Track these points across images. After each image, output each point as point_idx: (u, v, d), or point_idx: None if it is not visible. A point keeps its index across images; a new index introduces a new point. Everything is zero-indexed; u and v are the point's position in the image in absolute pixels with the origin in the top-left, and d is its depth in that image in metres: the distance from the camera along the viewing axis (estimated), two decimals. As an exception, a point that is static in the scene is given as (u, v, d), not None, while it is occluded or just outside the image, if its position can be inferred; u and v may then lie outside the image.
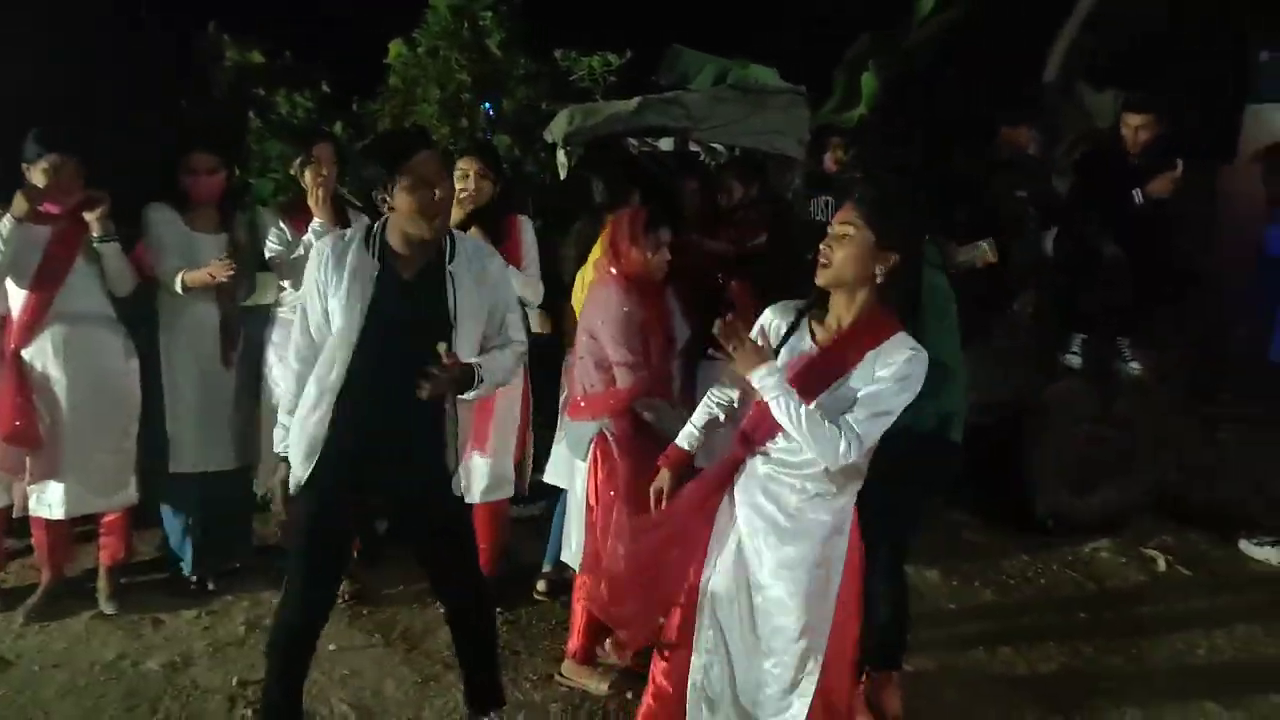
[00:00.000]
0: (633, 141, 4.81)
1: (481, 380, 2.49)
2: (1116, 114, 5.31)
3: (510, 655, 3.31)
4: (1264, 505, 4.71)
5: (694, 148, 4.96)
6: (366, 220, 2.74)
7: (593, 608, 2.83)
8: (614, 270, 3.01)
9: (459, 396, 2.51)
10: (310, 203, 3.52)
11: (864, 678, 2.87)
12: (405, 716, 3.01)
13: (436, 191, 2.40)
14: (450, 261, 2.49)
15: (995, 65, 5.35)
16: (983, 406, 3.62)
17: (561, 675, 3.19)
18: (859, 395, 2.21)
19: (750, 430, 2.38)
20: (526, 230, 3.66)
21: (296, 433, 2.52)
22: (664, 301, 3.05)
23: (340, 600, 3.69)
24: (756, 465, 2.38)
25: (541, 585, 3.72)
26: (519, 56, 5.70)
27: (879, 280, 2.24)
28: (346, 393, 2.45)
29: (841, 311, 2.29)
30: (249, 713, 3.00)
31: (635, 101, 4.30)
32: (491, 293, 2.57)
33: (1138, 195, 4.26)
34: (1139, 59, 5.53)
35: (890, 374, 2.20)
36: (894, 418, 2.22)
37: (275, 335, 3.67)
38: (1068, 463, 4.45)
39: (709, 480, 2.46)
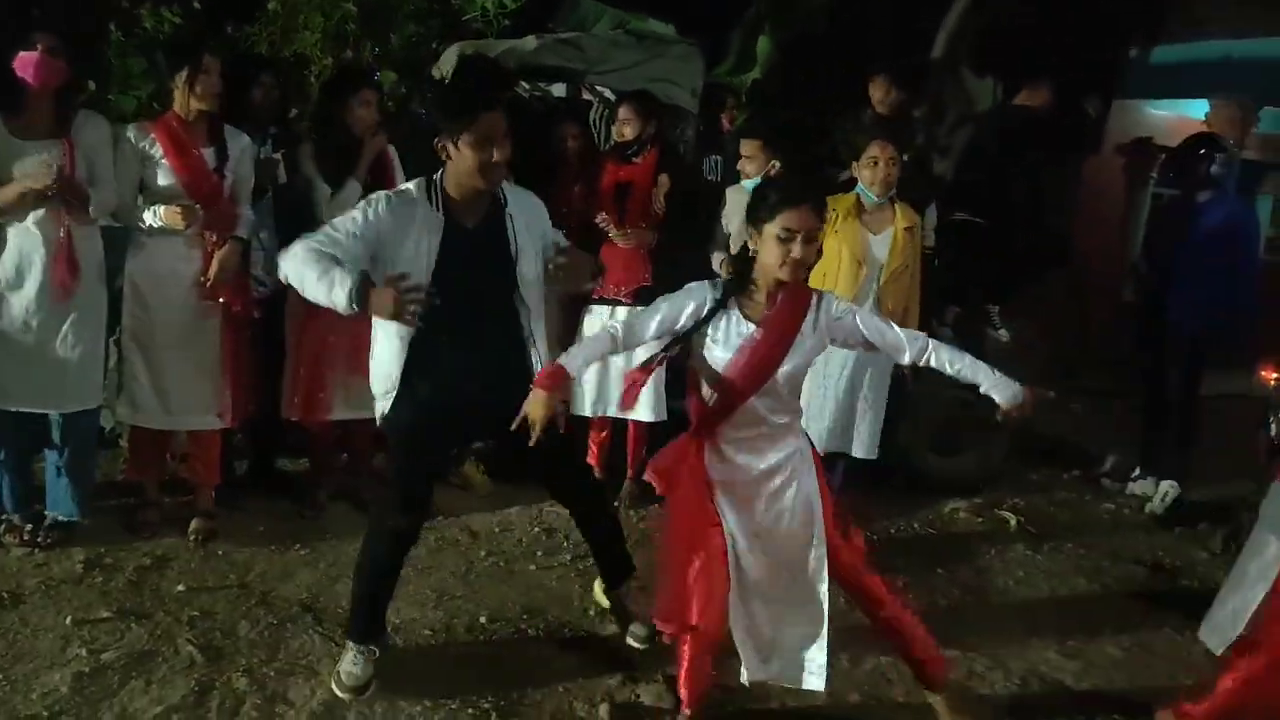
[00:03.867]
0: (524, 85, 4.69)
1: None
2: (995, 100, 5.53)
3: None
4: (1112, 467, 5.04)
5: (586, 96, 4.89)
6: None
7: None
8: None
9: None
10: (178, 109, 3.32)
11: None
12: (258, 658, 2.88)
13: (496, 152, 2.49)
14: (506, 205, 2.65)
15: (885, 36, 5.44)
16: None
17: None
18: (866, 333, 2.49)
19: (711, 417, 2.50)
20: (395, 159, 3.76)
21: (373, 371, 2.68)
22: None
23: (192, 540, 3.53)
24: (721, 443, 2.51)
25: None
26: (409, -10, 5.46)
27: None
28: (420, 335, 2.54)
29: (773, 289, 2.44)
30: (84, 652, 2.82)
31: (531, 40, 4.20)
32: (540, 225, 2.75)
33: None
34: (1015, 49, 5.71)
35: (849, 314, 2.49)
36: None
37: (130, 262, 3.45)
38: (933, 427, 4.62)
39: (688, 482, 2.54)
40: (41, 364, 3.30)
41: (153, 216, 3.34)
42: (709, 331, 2.45)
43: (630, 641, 2.95)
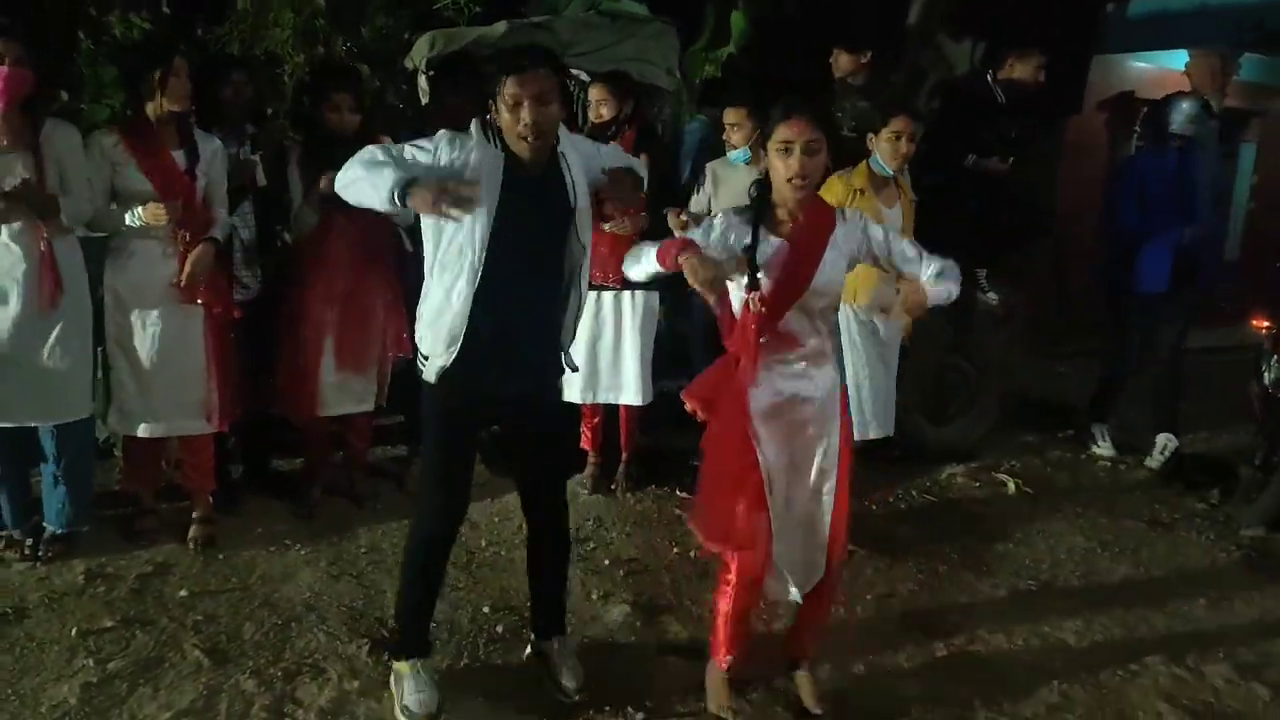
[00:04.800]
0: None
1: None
2: (973, 64, 5.50)
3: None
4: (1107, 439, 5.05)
5: (563, 80, 4.85)
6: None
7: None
8: None
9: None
10: (149, 112, 3.29)
11: None
12: (265, 659, 2.88)
13: (525, 113, 2.37)
14: (559, 144, 2.52)
15: (865, 14, 5.40)
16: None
17: None
18: (890, 248, 2.53)
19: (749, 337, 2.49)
20: None
21: (430, 325, 2.53)
22: None
23: (191, 545, 3.53)
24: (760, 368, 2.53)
25: None
26: (379, -18, 5.41)
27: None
28: (482, 284, 2.45)
29: (793, 207, 2.49)
30: (90, 662, 2.82)
31: (501, 25, 4.16)
32: (590, 164, 2.61)
33: (971, 159, 4.42)
34: (993, 11, 5.68)
35: (874, 230, 2.55)
36: None
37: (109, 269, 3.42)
38: (925, 393, 4.63)
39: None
40: (31, 378, 3.26)
41: (133, 217, 3.30)
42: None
43: (561, 696, 2.73)
